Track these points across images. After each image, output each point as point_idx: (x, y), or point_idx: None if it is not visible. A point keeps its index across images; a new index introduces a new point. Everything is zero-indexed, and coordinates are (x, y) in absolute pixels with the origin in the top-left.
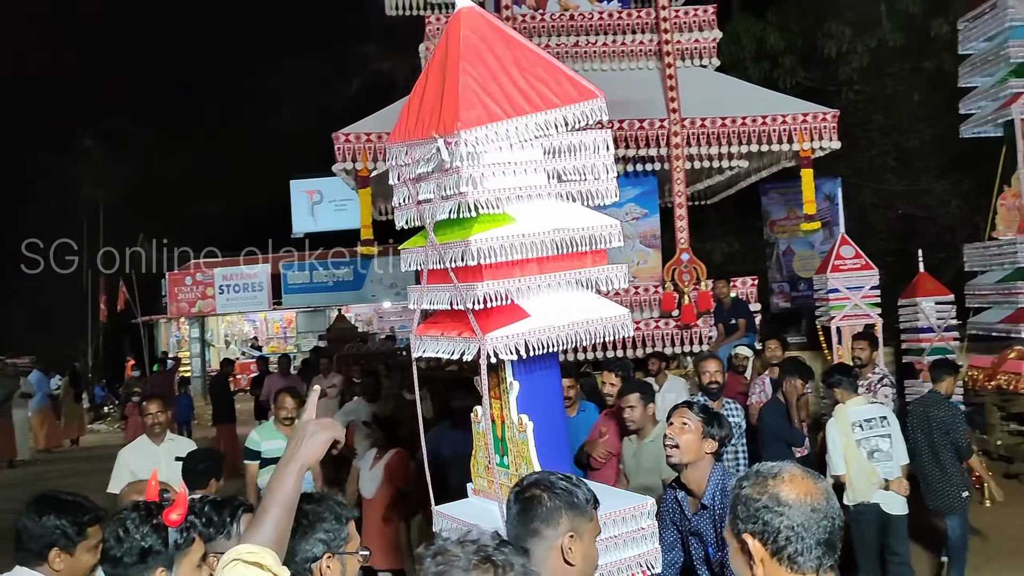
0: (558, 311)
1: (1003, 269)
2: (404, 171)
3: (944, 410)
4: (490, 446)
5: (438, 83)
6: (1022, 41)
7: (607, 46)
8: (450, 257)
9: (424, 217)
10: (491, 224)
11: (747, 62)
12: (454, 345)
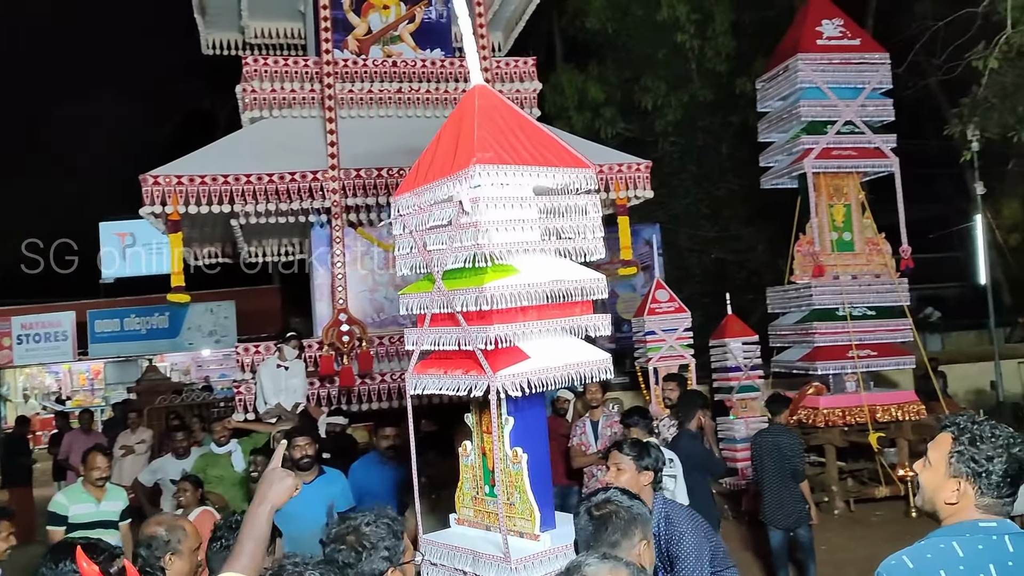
0: (553, 354)
1: (800, 311)
2: (410, 222)
3: (790, 438)
4: (479, 478)
5: (453, 140)
6: (811, 101)
7: (430, 93)
8: (461, 302)
9: (432, 266)
10: (500, 274)
11: (571, 111)
12: (459, 382)
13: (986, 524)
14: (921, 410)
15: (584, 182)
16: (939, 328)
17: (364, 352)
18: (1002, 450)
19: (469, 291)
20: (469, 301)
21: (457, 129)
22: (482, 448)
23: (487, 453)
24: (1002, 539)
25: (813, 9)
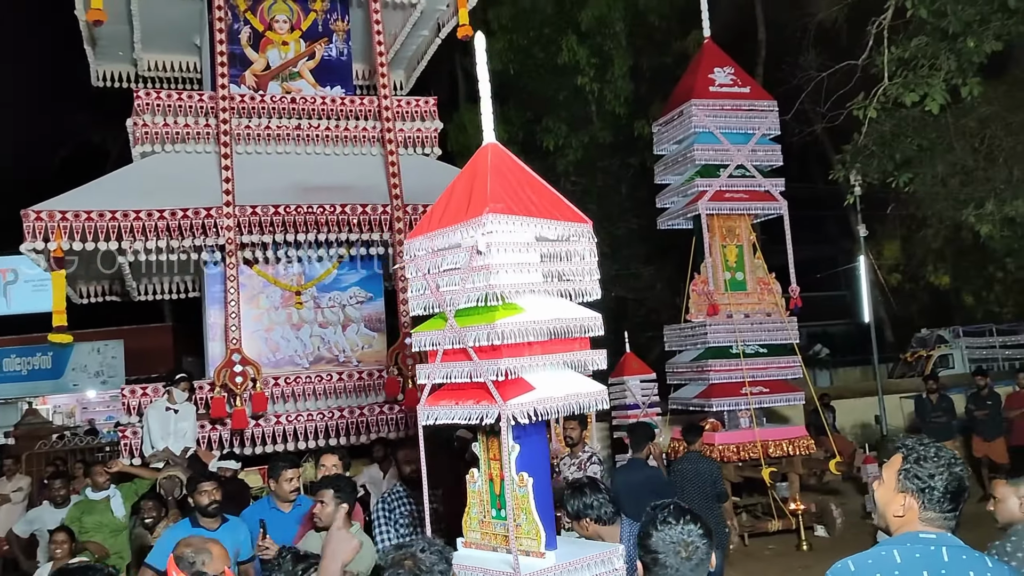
0: (555, 385)
1: (696, 348)
2: (423, 265)
3: (709, 464)
4: (486, 502)
5: (466, 191)
6: (705, 145)
7: (330, 130)
8: (473, 338)
9: (445, 305)
10: (509, 312)
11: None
12: (472, 411)
13: (926, 535)
14: (811, 444)
15: (581, 233)
16: (827, 364)
17: (258, 393)
18: (944, 469)
19: (481, 328)
20: (481, 337)
21: (470, 182)
22: (489, 474)
23: (494, 479)
24: (939, 549)
25: (706, 57)
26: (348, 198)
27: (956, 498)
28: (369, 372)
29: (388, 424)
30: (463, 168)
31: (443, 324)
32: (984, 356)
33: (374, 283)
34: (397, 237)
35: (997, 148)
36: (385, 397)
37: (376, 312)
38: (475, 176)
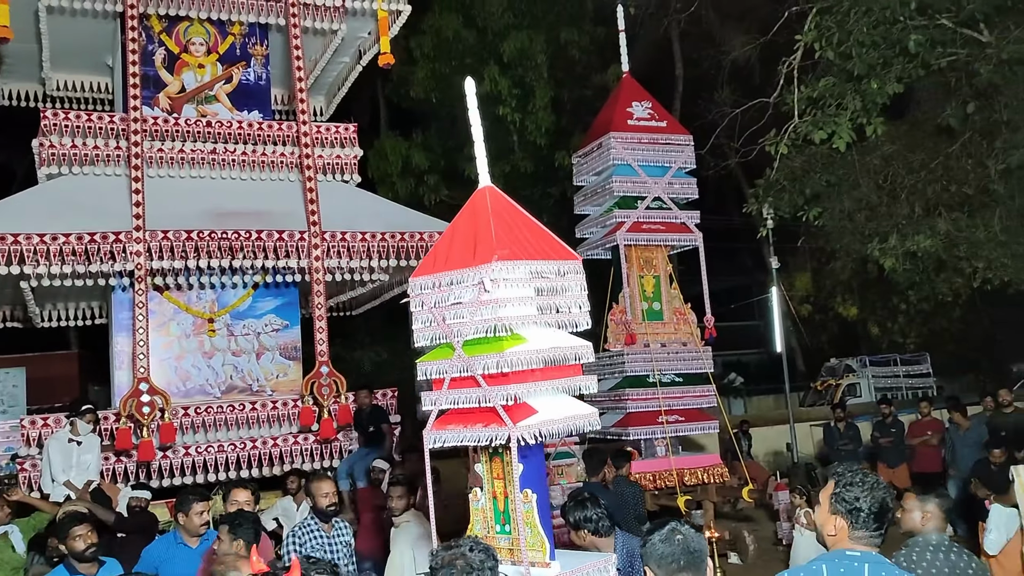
0: (554, 409)
1: (614, 377)
2: (429, 300)
3: (634, 488)
4: (490, 519)
5: (470, 234)
6: (623, 177)
7: (247, 155)
8: (482, 366)
9: (452, 336)
10: (515, 342)
11: (395, 178)
12: (481, 434)
13: (852, 553)
14: (725, 472)
15: (572, 269)
16: (742, 393)
17: (166, 424)
18: (868, 492)
19: (490, 356)
20: (490, 365)
21: (472, 224)
22: (493, 492)
23: (497, 496)
24: (862, 566)
25: (624, 91)
26: (264, 224)
27: (880, 518)
28: (283, 402)
29: (303, 455)
30: (461, 209)
31: (450, 354)
32: (889, 385)
33: (290, 311)
34: (314, 264)
35: (899, 185)
36: (299, 427)
37: (292, 340)
38: (476, 218)
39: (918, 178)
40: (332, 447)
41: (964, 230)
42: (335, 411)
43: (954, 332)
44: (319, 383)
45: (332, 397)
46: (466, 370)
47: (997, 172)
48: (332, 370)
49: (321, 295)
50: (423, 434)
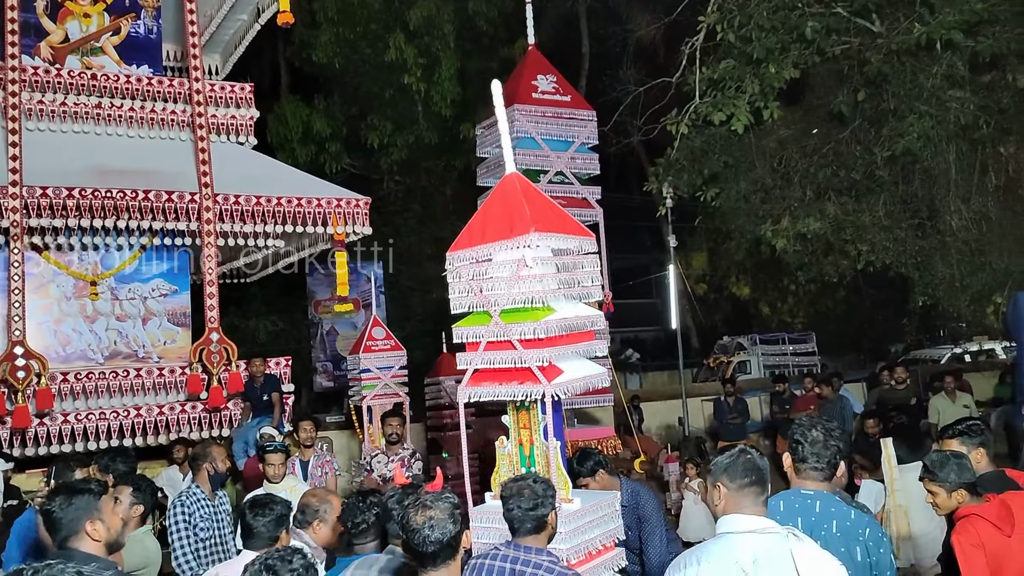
0: (576, 369)
1: None
2: (466, 273)
3: None
4: (516, 463)
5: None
6: (526, 150)
7: (135, 111)
8: (518, 332)
9: (489, 305)
10: (548, 312)
11: (295, 144)
12: (516, 391)
13: (806, 491)
14: (618, 444)
15: (589, 245)
16: (638, 368)
17: (43, 390)
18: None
19: (527, 324)
20: (527, 331)
21: (504, 204)
22: (519, 440)
23: (524, 444)
24: (814, 502)
25: (530, 64)
26: (152, 184)
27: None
28: (171, 369)
29: (190, 424)
30: (491, 193)
31: (487, 320)
32: (777, 362)
33: (179, 276)
34: (205, 227)
35: (793, 169)
36: (187, 395)
37: (181, 306)
38: (507, 199)
39: (810, 162)
40: (221, 416)
41: (851, 214)
42: (225, 379)
43: (838, 313)
44: (208, 350)
45: (222, 365)
46: (502, 335)
47: (883, 159)
48: (223, 337)
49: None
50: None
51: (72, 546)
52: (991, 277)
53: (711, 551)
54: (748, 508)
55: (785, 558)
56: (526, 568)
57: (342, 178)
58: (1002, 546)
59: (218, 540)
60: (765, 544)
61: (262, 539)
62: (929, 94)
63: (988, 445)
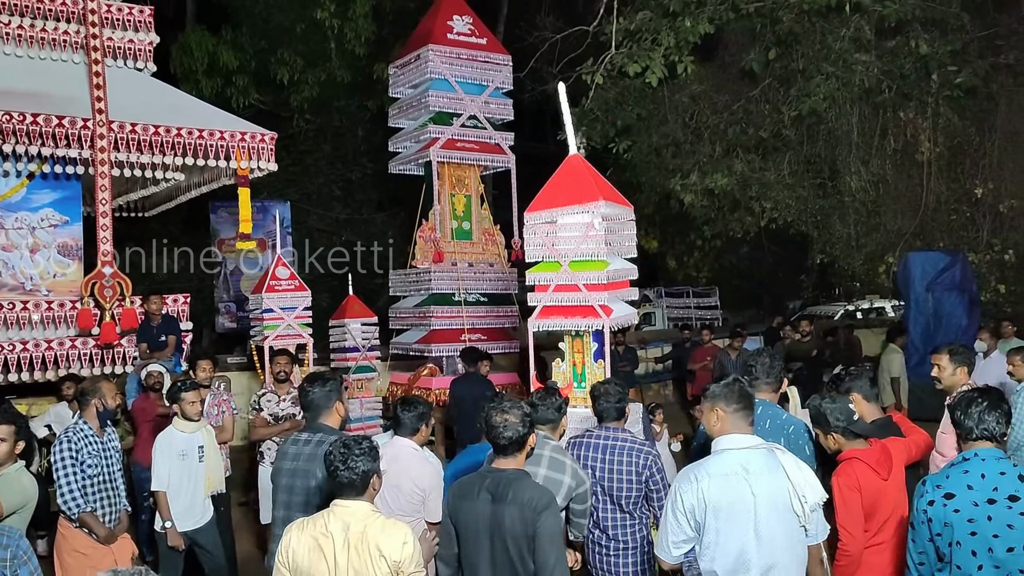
0: (620, 309)
1: (420, 294)
2: (540, 230)
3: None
4: (569, 378)
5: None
6: (440, 92)
7: (24, 30)
8: (584, 279)
9: (560, 256)
10: (605, 264)
11: (200, 75)
12: (579, 324)
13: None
14: (523, 390)
15: (630, 214)
16: None
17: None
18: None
19: (593, 273)
20: (592, 278)
21: (572, 177)
22: (572, 361)
23: (576, 364)
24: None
25: (446, 4)
26: (42, 107)
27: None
28: (60, 303)
29: (81, 360)
30: (559, 168)
31: (557, 268)
32: (681, 315)
33: (71, 206)
34: (99, 156)
35: (704, 125)
36: (78, 331)
37: (72, 238)
38: (575, 174)
39: (721, 119)
40: (115, 353)
41: (757, 172)
42: (119, 315)
43: (741, 268)
44: (101, 284)
45: (115, 300)
46: (571, 280)
47: (790, 119)
48: (116, 271)
49: (106, 190)
50: (527, 322)
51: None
52: (884, 238)
53: (715, 465)
54: (741, 428)
55: (775, 466)
56: (616, 442)
57: (250, 114)
58: (878, 488)
59: (106, 477)
60: (757, 457)
61: (407, 429)
62: (836, 56)
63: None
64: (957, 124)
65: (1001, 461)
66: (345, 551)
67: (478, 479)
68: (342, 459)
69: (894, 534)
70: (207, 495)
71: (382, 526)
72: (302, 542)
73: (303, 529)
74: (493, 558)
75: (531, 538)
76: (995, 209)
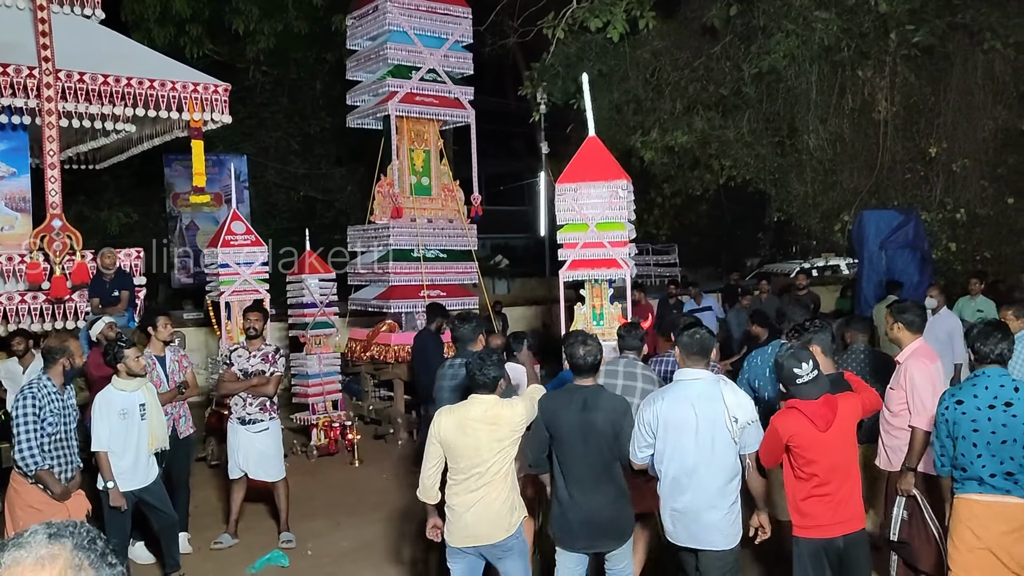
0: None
1: (378, 250)
2: (571, 196)
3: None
4: (590, 319)
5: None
6: (398, 44)
7: None
8: (609, 237)
9: (587, 219)
10: (623, 226)
11: (151, 24)
12: (607, 273)
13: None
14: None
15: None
16: (507, 274)
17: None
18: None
19: (615, 233)
20: (616, 237)
21: (594, 155)
22: (592, 304)
23: (595, 306)
24: None
25: None
26: None
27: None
28: (8, 256)
29: (31, 315)
30: (581, 147)
31: (585, 228)
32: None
33: (18, 157)
34: (46, 106)
35: (664, 82)
36: (27, 285)
37: (20, 190)
38: (596, 150)
39: (681, 76)
40: (66, 308)
41: (717, 129)
42: (69, 269)
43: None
44: (50, 237)
45: (65, 254)
46: (597, 239)
47: (750, 76)
48: (66, 224)
49: (54, 141)
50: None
51: None
52: (841, 196)
53: (671, 391)
54: (695, 365)
55: (716, 393)
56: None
57: (204, 64)
58: (812, 439)
59: (63, 435)
60: (704, 386)
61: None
62: (797, 13)
63: (823, 343)
64: (913, 83)
65: (1003, 377)
66: (484, 425)
67: (566, 394)
68: (479, 367)
69: (840, 486)
70: (151, 453)
71: (503, 405)
72: (449, 423)
73: (451, 413)
74: (586, 451)
75: (616, 435)
76: (948, 168)
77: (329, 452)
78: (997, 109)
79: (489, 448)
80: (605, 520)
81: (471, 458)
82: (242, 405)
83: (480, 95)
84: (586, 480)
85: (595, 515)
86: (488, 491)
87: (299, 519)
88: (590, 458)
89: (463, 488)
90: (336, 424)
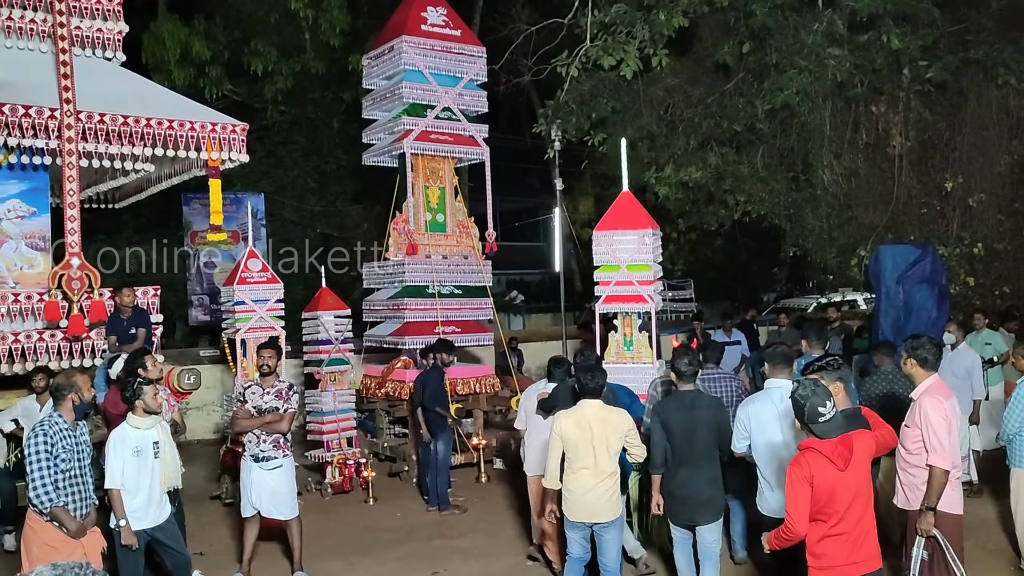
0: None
1: (393, 287)
2: (607, 242)
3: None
4: (621, 346)
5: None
6: (413, 83)
7: None
8: (636, 277)
9: (620, 261)
10: (649, 267)
11: (172, 66)
12: (635, 307)
13: None
14: (496, 383)
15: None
16: (522, 310)
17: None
18: None
19: (643, 273)
20: (644, 276)
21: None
22: (623, 333)
23: (626, 335)
24: None
25: None
26: (8, 97)
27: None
28: (27, 295)
29: (49, 352)
30: (616, 200)
31: (617, 268)
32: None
33: (39, 197)
34: (67, 147)
35: (678, 118)
36: (46, 323)
37: (40, 229)
38: (628, 205)
39: (695, 112)
40: (83, 346)
41: (731, 165)
42: (87, 307)
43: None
44: (69, 276)
45: (83, 292)
46: (627, 277)
47: (763, 112)
48: (84, 263)
49: (74, 181)
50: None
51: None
52: (856, 231)
53: (762, 396)
54: (780, 375)
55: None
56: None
57: (223, 104)
58: (834, 478)
59: (77, 472)
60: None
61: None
62: (809, 50)
63: (846, 380)
64: (928, 118)
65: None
66: (598, 423)
67: (674, 399)
68: (590, 377)
69: (855, 525)
70: (163, 491)
71: (610, 411)
72: (568, 422)
73: (568, 415)
74: (694, 444)
75: (720, 425)
76: (964, 203)
77: (344, 490)
78: (1012, 144)
79: (600, 441)
80: (704, 498)
81: (585, 449)
82: (256, 442)
83: (495, 132)
84: (691, 465)
85: (698, 493)
86: (599, 479)
87: (312, 558)
88: (697, 447)
89: (579, 476)
90: (351, 461)
